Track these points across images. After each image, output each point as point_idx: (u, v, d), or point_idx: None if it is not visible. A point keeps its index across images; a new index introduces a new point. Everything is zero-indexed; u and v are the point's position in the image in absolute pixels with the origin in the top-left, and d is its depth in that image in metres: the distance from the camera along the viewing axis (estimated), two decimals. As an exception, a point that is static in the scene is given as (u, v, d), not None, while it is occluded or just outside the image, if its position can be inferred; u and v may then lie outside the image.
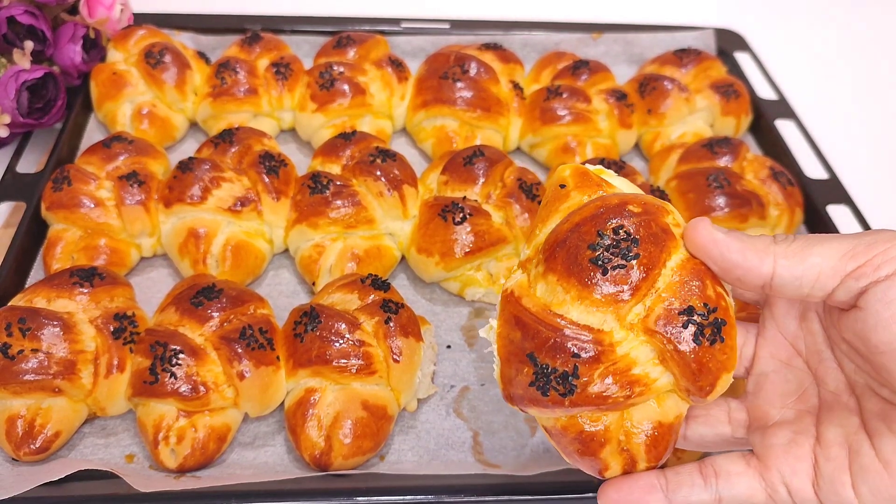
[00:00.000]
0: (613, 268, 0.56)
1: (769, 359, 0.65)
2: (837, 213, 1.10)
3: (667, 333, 0.56)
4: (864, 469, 0.55)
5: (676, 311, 0.56)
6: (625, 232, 0.57)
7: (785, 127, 1.26)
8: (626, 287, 0.56)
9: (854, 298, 0.53)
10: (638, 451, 0.59)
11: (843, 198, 1.12)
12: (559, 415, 0.59)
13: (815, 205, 1.10)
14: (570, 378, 0.56)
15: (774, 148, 1.22)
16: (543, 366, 0.56)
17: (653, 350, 0.57)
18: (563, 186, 0.63)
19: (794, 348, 0.64)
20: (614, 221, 0.57)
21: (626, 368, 0.56)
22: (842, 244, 0.53)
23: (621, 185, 0.64)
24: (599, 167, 0.65)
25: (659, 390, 0.58)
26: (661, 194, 1.04)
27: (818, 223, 1.10)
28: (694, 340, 0.56)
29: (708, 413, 0.66)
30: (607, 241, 0.56)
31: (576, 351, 0.56)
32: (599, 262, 0.56)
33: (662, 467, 0.61)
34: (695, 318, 0.56)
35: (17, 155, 1.09)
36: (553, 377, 0.56)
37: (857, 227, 1.09)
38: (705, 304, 0.56)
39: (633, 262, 0.56)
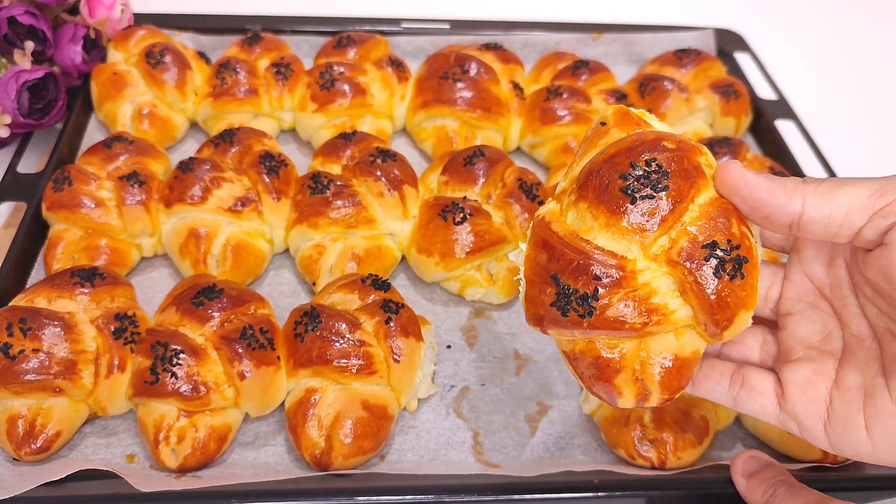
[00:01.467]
0: (642, 197, 0.57)
1: (795, 300, 0.66)
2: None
3: (688, 265, 0.57)
4: (879, 411, 0.57)
5: (700, 245, 0.57)
6: (657, 164, 0.58)
7: (785, 127, 1.26)
8: (652, 217, 0.57)
9: (881, 236, 0.55)
10: (652, 381, 0.60)
11: (843, 198, 1.12)
12: (577, 337, 0.60)
13: (815, 205, 1.10)
14: (589, 300, 0.57)
15: (774, 148, 1.22)
16: (565, 287, 0.58)
17: (674, 282, 0.58)
18: (603, 124, 0.64)
19: (821, 292, 0.65)
20: (647, 154, 0.58)
21: (646, 296, 0.57)
22: (871, 184, 0.54)
23: (658, 125, 0.65)
24: (642, 111, 0.66)
25: (677, 322, 0.59)
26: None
27: (818, 223, 1.09)
28: (714, 274, 0.57)
29: (743, 341, 0.69)
30: (639, 172, 0.58)
31: (598, 274, 0.57)
32: (629, 192, 0.57)
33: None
34: (717, 252, 0.57)
35: (17, 155, 1.09)
36: (574, 298, 0.57)
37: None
38: (729, 241, 0.57)
39: (662, 193, 0.57)
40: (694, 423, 0.83)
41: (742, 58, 1.41)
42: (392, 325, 0.84)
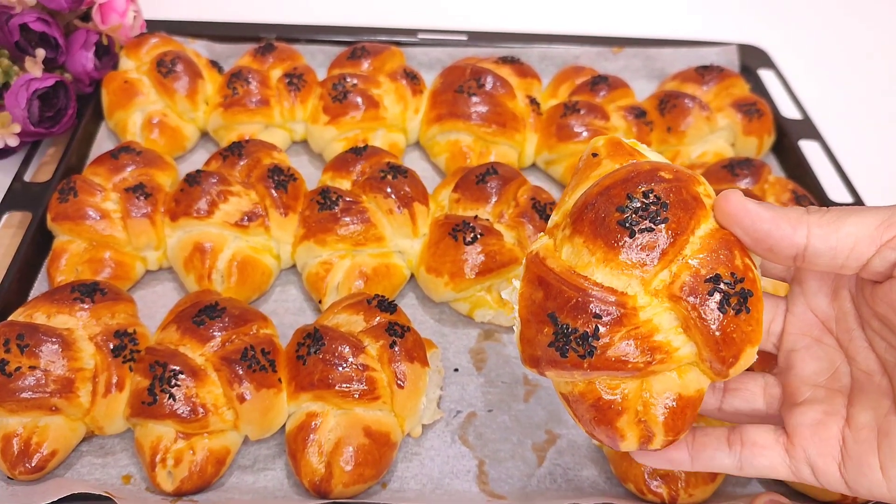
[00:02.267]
0: (641, 231, 0.54)
1: (799, 335, 0.64)
2: (862, 239, 1.07)
3: (691, 300, 0.54)
4: (894, 450, 0.55)
5: (703, 279, 0.54)
6: (655, 196, 0.55)
7: (809, 148, 1.22)
8: (652, 251, 0.55)
9: (890, 268, 0.53)
10: (656, 422, 0.57)
11: (868, 223, 1.09)
12: (577, 378, 0.57)
13: (839, 230, 1.07)
14: (589, 339, 0.54)
15: (797, 170, 1.19)
16: (564, 325, 0.55)
17: (676, 318, 0.55)
18: (595, 155, 0.62)
19: (825, 326, 0.63)
20: (644, 186, 0.56)
21: (649, 334, 0.55)
22: (877, 214, 0.52)
23: (651, 155, 0.63)
24: (634, 140, 0.64)
25: (680, 360, 0.56)
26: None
27: (841, 249, 1.06)
28: (719, 309, 0.54)
29: (745, 387, 0.66)
30: (636, 204, 0.55)
31: (598, 312, 0.54)
32: (627, 225, 0.55)
33: None
34: (721, 286, 0.54)
35: (25, 164, 1.08)
36: (573, 338, 0.54)
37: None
38: (732, 274, 0.55)
39: (662, 226, 0.54)
40: (707, 459, 0.80)
41: (766, 75, 1.38)
42: (397, 349, 0.82)
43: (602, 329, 0.54)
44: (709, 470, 0.63)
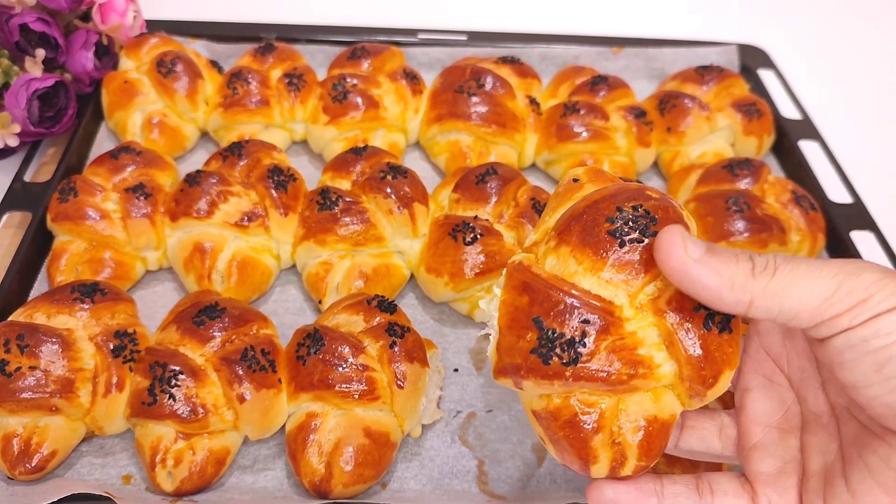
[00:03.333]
0: (630, 241, 0.55)
1: (752, 374, 0.64)
2: (862, 239, 1.07)
3: (676, 316, 0.54)
4: (836, 498, 0.54)
5: (688, 295, 0.54)
6: (644, 210, 0.56)
7: (809, 148, 1.22)
8: (640, 263, 0.54)
9: (826, 339, 0.52)
10: (630, 446, 0.56)
11: (868, 224, 1.09)
12: (555, 390, 0.55)
13: (839, 230, 1.07)
14: (576, 345, 0.53)
15: (797, 170, 1.19)
16: (549, 330, 0.54)
17: (659, 335, 0.55)
18: (576, 180, 0.63)
19: (777, 365, 0.63)
20: (633, 201, 0.56)
21: (633, 346, 0.54)
22: (822, 287, 0.50)
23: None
24: (612, 175, 0.64)
25: (660, 379, 0.55)
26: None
27: (841, 250, 1.06)
28: (704, 326, 0.54)
29: (701, 426, 0.65)
30: (627, 215, 0.55)
31: (586, 317, 0.54)
32: (616, 234, 0.55)
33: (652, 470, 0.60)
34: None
35: (25, 163, 1.08)
36: (559, 343, 0.53)
37: (882, 255, 1.05)
38: None
39: (650, 238, 0.54)
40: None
41: (766, 75, 1.38)
42: (397, 349, 0.82)
43: (589, 336, 0.53)
44: None
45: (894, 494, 0.50)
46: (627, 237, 0.54)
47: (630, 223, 0.55)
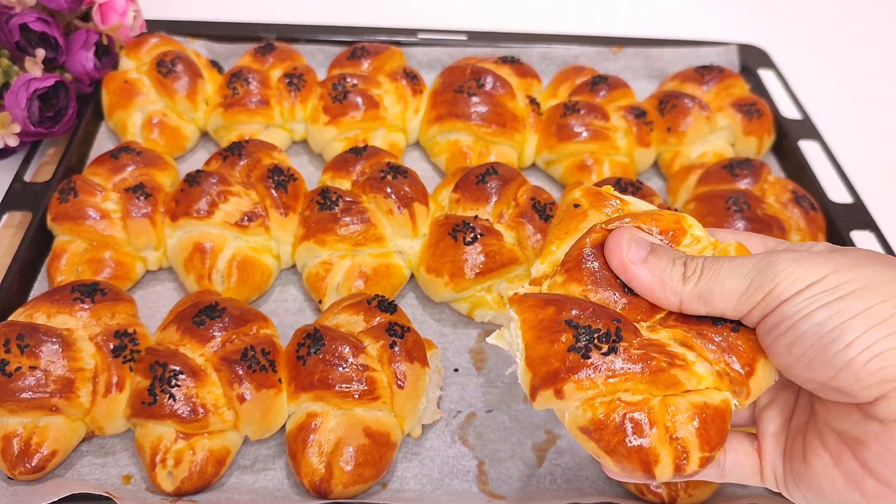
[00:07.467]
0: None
1: None
2: (862, 239, 1.07)
3: (687, 324, 0.58)
4: (793, 457, 0.58)
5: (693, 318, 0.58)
6: None
7: (809, 148, 1.22)
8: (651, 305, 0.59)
9: (754, 328, 0.57)
10: (688, 438, 0.54)
11: (868, 223, 1.09)
12: (599, 389, 0.54)
13: (839, 230, 1.07)
14: (611, 337, 0.55)
15: (797, 170, 1.19)
16: (585, 327, 0.55)
17: (678, 341, 0.58)
18: (576, 206, 0.63)
19: None
20: None
21: (662, 344, 0.56)
22: (737, 286, 0.55)
23: (634, 202, 0.64)
24: (608, 186, 0.65)
25: (700, 378, 0.56)
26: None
27: (841, 249, 1.06)
28: (714, 324, 0.57)
29: None
30: None
31: (617, 318, 0.57)
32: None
33: None
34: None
35: (25, 163, 1.08)
36: (596, 336, 0.55)
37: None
38: None
39: None
40: (707, 459, 0.80)
41: (766, 75, 1.38)
42: (397, 349, 0.82)
43: (623, 331, 0.56)
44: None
45: (836, 455, 0.54)
46: None
47: None
